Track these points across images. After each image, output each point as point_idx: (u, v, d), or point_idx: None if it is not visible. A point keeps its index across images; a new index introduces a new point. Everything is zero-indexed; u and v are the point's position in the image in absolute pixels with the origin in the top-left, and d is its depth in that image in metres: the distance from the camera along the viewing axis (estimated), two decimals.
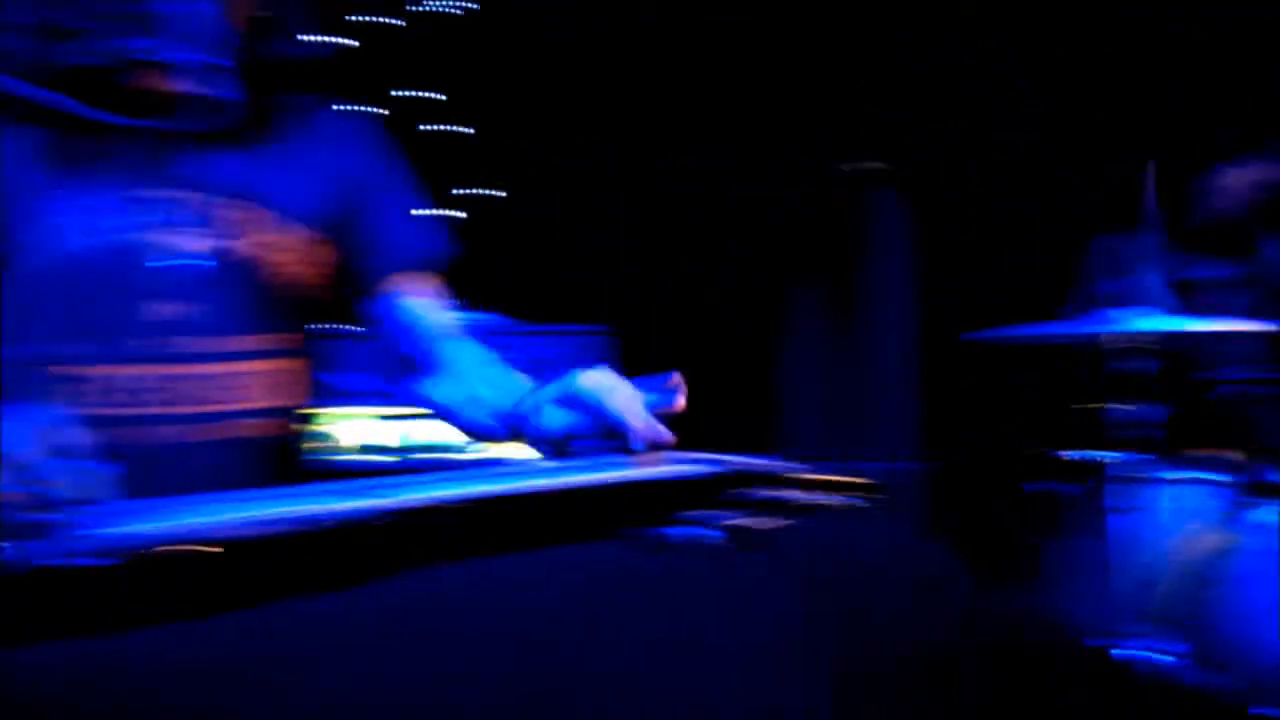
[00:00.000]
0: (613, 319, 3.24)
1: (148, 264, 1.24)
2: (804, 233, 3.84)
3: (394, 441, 2.68)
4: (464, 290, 1.52)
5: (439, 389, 1.44)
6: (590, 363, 1.25)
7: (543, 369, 3.02)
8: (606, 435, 1.15)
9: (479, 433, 1.39)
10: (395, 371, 1.50)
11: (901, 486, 3.15)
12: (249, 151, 1.32)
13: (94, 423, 1.21)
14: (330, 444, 2.62)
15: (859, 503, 1.06)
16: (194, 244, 1.26)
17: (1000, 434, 3.52)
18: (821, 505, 1.04)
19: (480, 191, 3.94)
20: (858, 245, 3.68)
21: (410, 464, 2.70)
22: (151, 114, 1.00)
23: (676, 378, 1.14)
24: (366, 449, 2.64)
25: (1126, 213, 2.59)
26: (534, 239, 3.88)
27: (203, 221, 1.27)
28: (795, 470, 1.07)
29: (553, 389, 1.20)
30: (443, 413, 1.46)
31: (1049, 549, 2.63)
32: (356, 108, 1.55)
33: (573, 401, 1.18)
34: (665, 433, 1.12)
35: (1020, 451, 3.08)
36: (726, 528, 0.86)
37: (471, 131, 3.94)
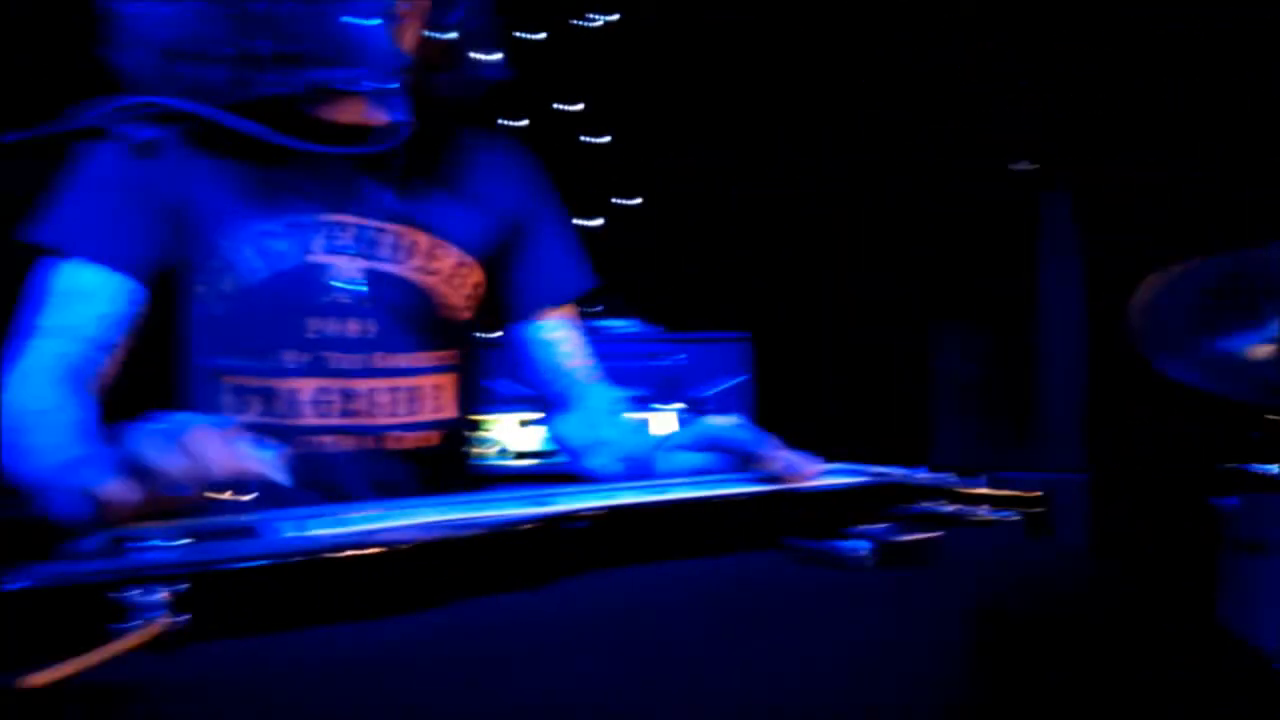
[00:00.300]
0: (754, 325, 3.23)
1: (317, 286, 1.31)
2: (962, 235, 3.74)
3: (546, 445, 2.74)
4: (604, 299, 1.56)
5: (568, 428, 1.49)
6: (730, 370, 1.26)
7: (683, 377, 3.02)
8: (743, 469, 1.14)
9: (604, 475, 1.41)
10: (540, 405, 1.55)
11: (1066, 499, 3.03)
12: (415, 176, 1.38)
13: (268, 433, 1.30)
14: (489, 449, 2.70)
15: (1018, 516, 1.03)
16: (360, 267, 1.33)
17: (1175, 443, 3.34)
18: (980, 519, 1.02)
19: (618, 200, 3.99)
20: (1024, 247, 3.56)
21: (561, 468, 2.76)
22: (330, 140, 1.06)
23: (814, 466, 1.11)
24: (523, 454, 2.71)
25: None
26: (673, 246, 3.90)
27: (369, 245, 1.34)
28: (952, 483, 1.05)
29: (683, 433, 1.21)
30: (569, 452, 1.50)
31: (1230, 566, 2.47)
32: (504, 122, 1.60)
33: (704, 442, 1.18)
34: (809, 465, 1.10)
35: (1196, 462, 2.92)
36: (883, 541, 0.86)
37: (609, 140, 4.00)
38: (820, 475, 1.09)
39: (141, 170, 1.28)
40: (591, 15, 3.94)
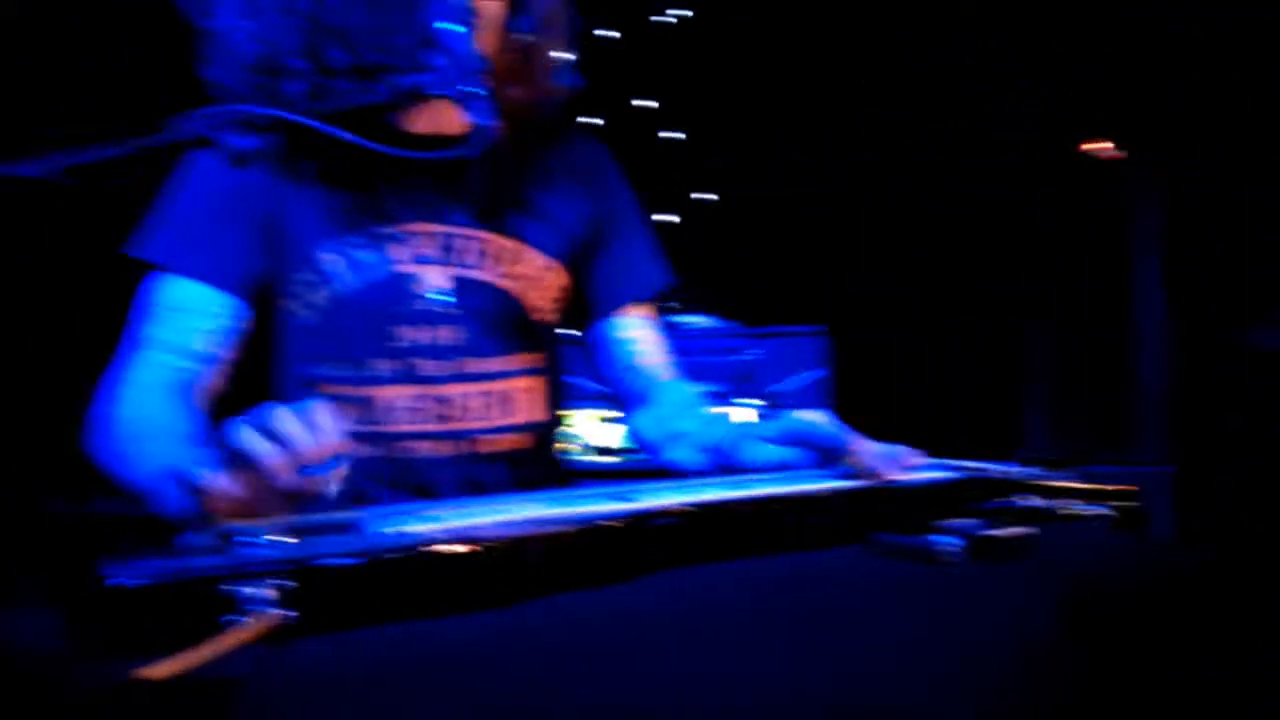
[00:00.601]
0: (832, 319, 3.20)
1: (406, 295, 1.34)
2: (1042, 224, 3.66)
3: (626, 442, 2.75)
4: (680, 294, 1.56)
5: (645, 423, 1.50)
6: (808, 364, 1.25)
7: (759, 372, 3.00)
8: (827, 464, 1.14)
9: (684, 469, 1.41)
10: (617, 402, 1.56)
11: (1154, 491, 2.95)
12: (497, 181, 1.40)
13: (364, 440, 1.33)
14: (572, 445, 2.73)
15: (1110, 511, 1.01)
16: (447, 275, 1.36)
17: (1262, 435, 3.23)
18: (1072, 513, 1.00)
19: (696, 195, 3.99)
20: (1113, 240, 3.47)
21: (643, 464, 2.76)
22: (419, 147, 1.08)
23: (910, 456, 1.10)
24: (605, 450, 2.73)
25: None
26: (749, 241, 3.89)
27: (454, 253, 1.36)
28: (1042, 477, 1.03)
29: (766, 426, 1.21)
30: (646, 447, 1.51)
31: None
32: (580, 120, 1.60)
33: (789, 437, 1.18)
34: (900, 460, 1.09)
35: None
36: (975, 536, 0.85)
37: (684, 136, 4.00)
38: (913, 468, 1.08)
39: (238, 184, 1.32)
40: (667, 12, 3.94)
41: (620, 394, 1.53)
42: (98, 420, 1.23)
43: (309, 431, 0.87)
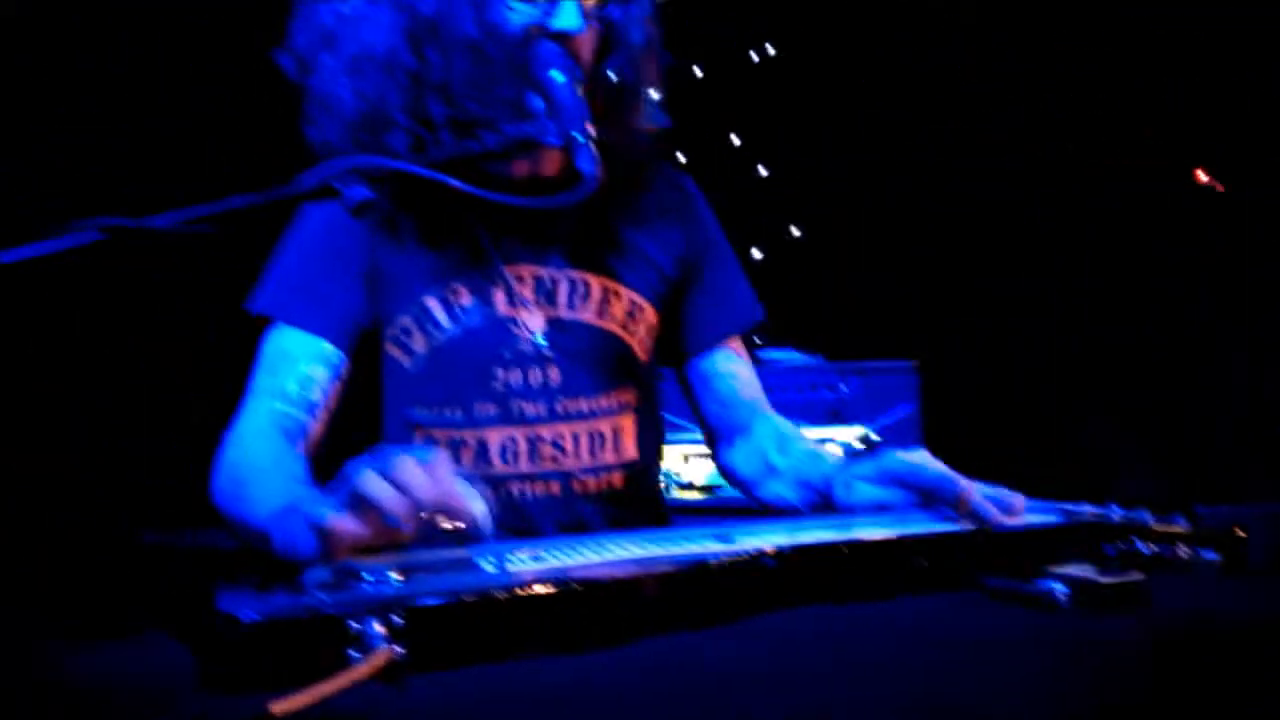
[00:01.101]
0: (921, 354, 3.15)
1: (503, 338, 1.37)
2: (1148, 259, 3.56)
3: (711, 480, 2.74)
4: (764, 329, 1.57)
5: (739, 459, 1.50)
6: (897, 400, 1.24)
7: (847, 408, 2.96)
8: (927, 506, 1.13)
9: (778, 505, 1.41)
10: (707, 438, 1.57)
11: (1266, 534, 2.83)
12: (588, 223, 1.42)
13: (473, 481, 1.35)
14: (670, 482, 2.73)
15: (1218, 557, 0.98)
16: (541, 317, 1.38)
17: None
18: (1179, 559, 0.98)
19: (777, 231, 3.99)
20: (1215, 267, 3.36)
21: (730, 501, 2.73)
22: (521, 193, 1.11)
23: (1019, 502, 1.07)
24: (689, 486, 2.73)
25: None
26: (835, 274, 3.87)
27: (548, 295, 1.39)
28: (1148, 521, 1.01)
29: (866, 465, 1.20)
30: (740, 483, 1.51)
31: None
32: (671, 156, 1.62)
33: (891, 477, 1.17)
34: (1009, 504, 1.07)
35: None
36: (1081, 583, 0.84)
37: (767, 172, 4.01)
38: (1022, 514, 1.06)
39: (343, 235, 1.37)
40: (751, 49, 3.97)
41: (715, 428, 1.53)
42: (214, 465, 1.28)
43: (430, 477, 0.89)
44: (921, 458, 1.15)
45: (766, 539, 0.90)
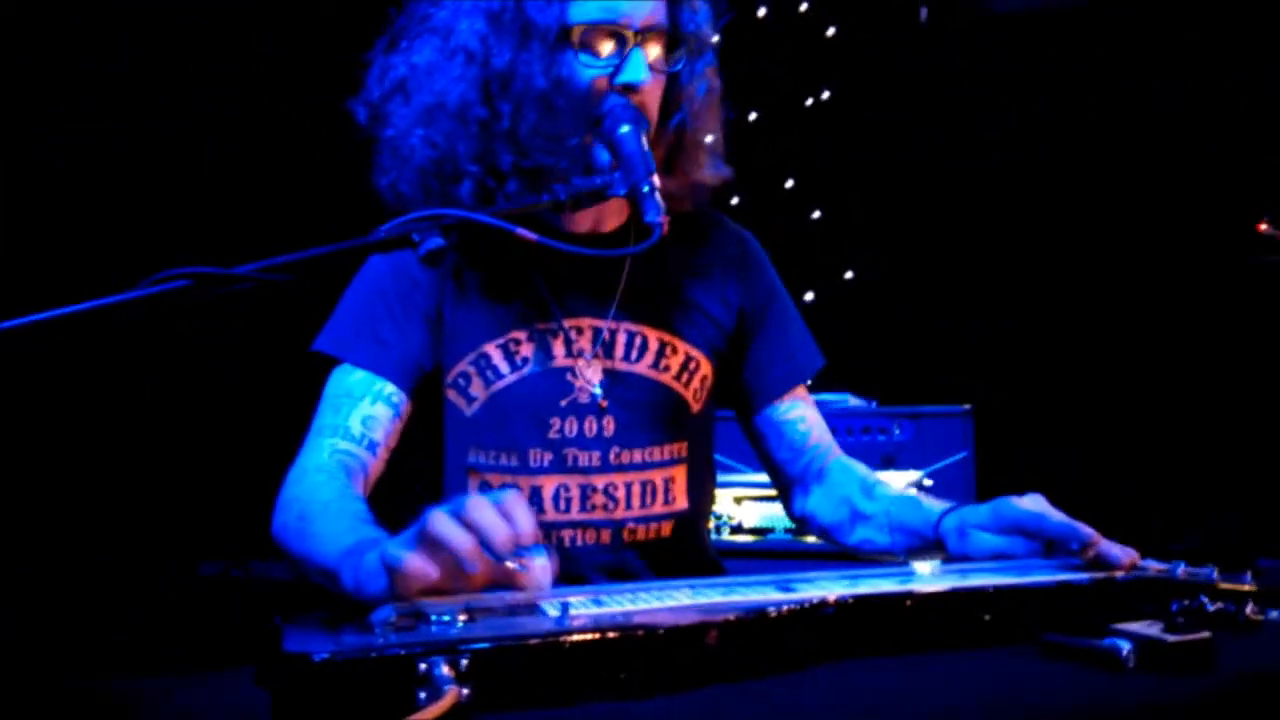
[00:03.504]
0: (973, 399, 3.12)
1: (560, 388, 1.38)
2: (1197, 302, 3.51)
3: (775, 521, 2.72)
4: (818, 375, 1.57)
5: (817, 504, 1.49)
6: (951, 446, 1.23)
7: (900, 453, 2.93)
8: (1046, 555, 1.13)
9: (868, 551, 1.41)
10: (780, 487, 1.57)
11: None
12: (646, 275, 1.44)
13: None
14: (725, 526, 2.73)
15: None
16: (598, 368, 1.40)
17: None
18: (1246, 618, 0.96)
19: (836, 274, 3.99)
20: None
21: (801, 545, 2.71)
22: (584, 245, 1.13)
23: (1134, 556, 1.08)
24: (740, 529, 2.73)
25: None
26: (890, 318, 3.86)
27: (605, 347, 1.41)
28: (1214, 579, 1.00)
29: (982, 512, 1.20)
30: (820, 530, 1.50)
31: None
32: (727, 198, 1.63)
33: (1008, 523, 1.16)
34: (1127, 554, 1.07)
35: None
36: (1145, 641, 0.83)
37: (819, 215, 4.02)
38: (1138, 564, 1.06)
39: (408, 282, 1.40)
40: (803, 95, 4.00)
41: (791, 476, 1.53)
42: (277, 501, 1.30)
43: (503, 521, 0.90)
44: (1039, 505, 1.15)
45: (826, 588, 0.91)
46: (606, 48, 1.30)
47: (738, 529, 2.67)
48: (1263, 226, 3.00)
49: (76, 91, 3.09)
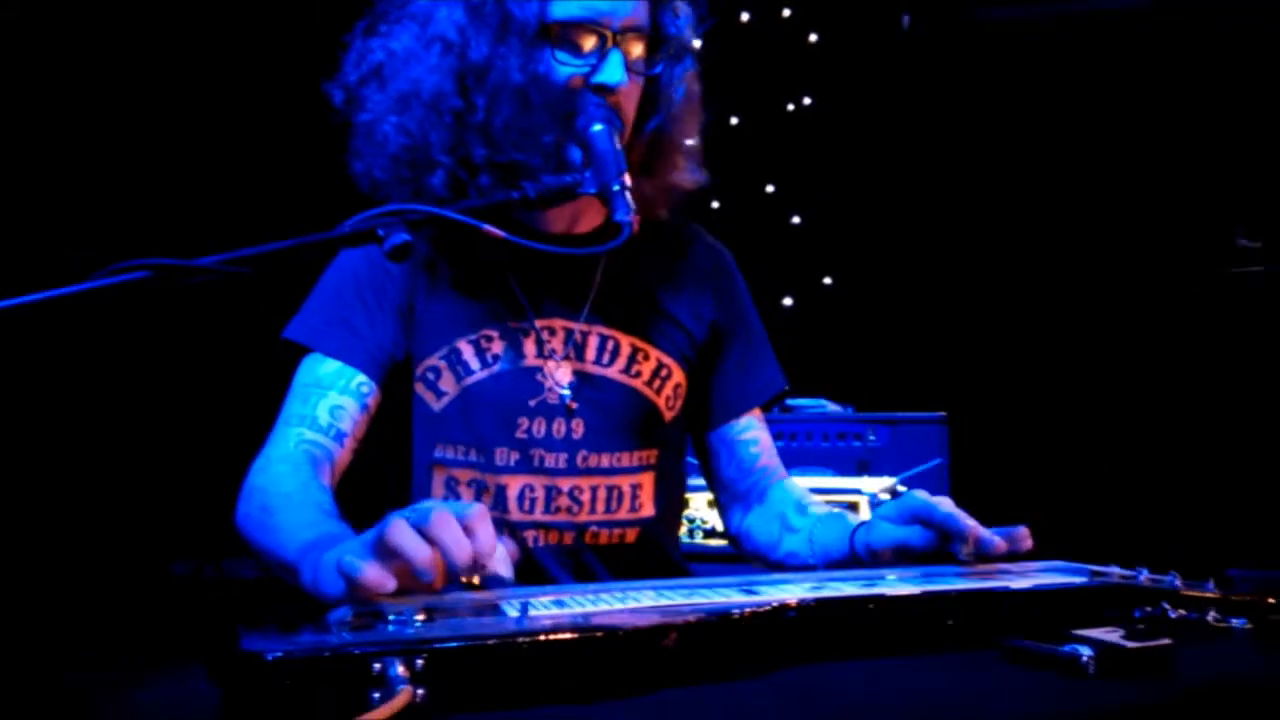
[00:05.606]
0: (949, 406, 3.13)
1: (530, 388, 1.38)
2: (1177, 316, 3.53)
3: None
4: (795, 379, 1.57)
5: (758, 523, 1.50)
6: (925, 452, 1.24)
7: (875, 459, 2.94)
8: (942, 547, 1.14)
9: (792, 563, 1.41)
10: (722, 503, 1.57)
11: None
12: (620, 279, 1.44)
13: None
14: (699, 529, 2.72)
15: (1248, 624, 0.97)
16: (568, 370, 1.40)
17: None
18: (1208, 625, 0.97)
19: (815, 280, 3.99)
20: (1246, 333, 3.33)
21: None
22: (556, 244, 1.12)
23: (1024, 532, 1.12)
24: (712, 533, 2.72)
25: None
26: (867, 324, 3.87)
27: (576, 349, 1.40)
28: (1176, 585, 1.00)
29: (889, 506, 1.21)
30: (752, 547, 1.51)
31: None
32: (706, 203, 1.63)
33: (909, 514, 1.18)
34: (1016, 538, 1.11)
35: None
36: (1105, 647, 0.83)
37: (798, 220, 4.02)
38: (1029, 542, 1.08)
39: (380, 275, 1.39)
40: (784, 101, 4.01)
41: (733, 493, 1.54)
42: (242, 490, 1.29)
43: (464, 538, 0.88)
44: (944, 501, 1.16)
45: (790, 591, 0.90)
46: (586, 46, 1.29)
47: (711, 533, 2.67)
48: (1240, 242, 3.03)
49: (30, 72, 3.02)
